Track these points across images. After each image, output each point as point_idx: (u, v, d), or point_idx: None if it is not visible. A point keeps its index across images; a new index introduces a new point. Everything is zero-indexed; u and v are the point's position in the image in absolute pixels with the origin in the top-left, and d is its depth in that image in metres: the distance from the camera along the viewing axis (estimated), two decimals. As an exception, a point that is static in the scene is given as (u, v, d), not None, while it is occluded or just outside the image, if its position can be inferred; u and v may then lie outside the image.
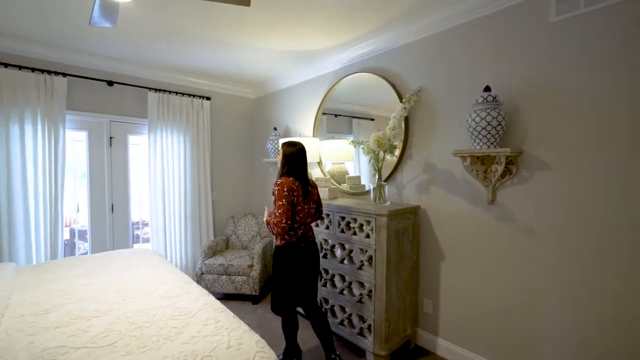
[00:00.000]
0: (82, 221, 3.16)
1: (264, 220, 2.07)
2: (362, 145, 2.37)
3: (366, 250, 2.18)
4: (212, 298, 1.49)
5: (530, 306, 1.81)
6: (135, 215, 3.42)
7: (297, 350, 2.12)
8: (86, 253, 3.19)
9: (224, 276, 3.09)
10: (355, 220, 2.26)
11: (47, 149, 2.69)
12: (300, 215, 1.91)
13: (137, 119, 3.28)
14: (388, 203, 2.31)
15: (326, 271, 2.50)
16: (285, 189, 1.84)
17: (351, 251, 2.33)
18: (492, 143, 1.78)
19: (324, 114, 3.14)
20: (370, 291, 2.15)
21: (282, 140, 3.01)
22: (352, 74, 2.79)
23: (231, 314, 1.32)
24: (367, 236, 2.17)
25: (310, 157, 2.94)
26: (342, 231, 2.36)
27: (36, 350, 1.03)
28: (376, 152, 2.22)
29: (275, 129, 3.60)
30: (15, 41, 2.56)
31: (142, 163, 3.40)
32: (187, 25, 2.33)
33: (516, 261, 1.87)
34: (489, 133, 1.75)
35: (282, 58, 3.00)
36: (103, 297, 1.43)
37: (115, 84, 3.10)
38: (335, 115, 3.09)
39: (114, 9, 1.70)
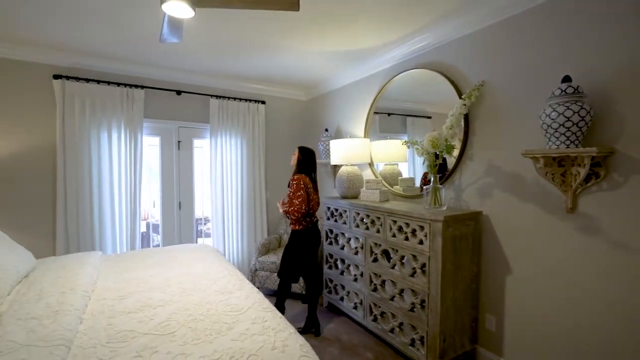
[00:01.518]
0: (157, 216, 3.55)
1: (281, 212, 2.56)
2: (416, 146, 2.25)
3: (419, 257, 2.06)
4: (261, 296, 1.54)
5: (621, 340, 1.52)
6: (198, 212, 3.72)
7: (282, 310, 2.55)
8: (158, 245, 3.57)
9: (276, 274, 3.19)
10: (407, 224, 2.15)
11: (128, 152, 3.08)
12: (312, 203, 2.50)
13: (201, 124, 3.57)
14: (444, 208, 2.15)
15: (377, 275, 2.43)
16: (302, 183, 2.40)
17: (403, 257, 2.22)
18: (572, 142, 1.53)
19: (375, 113, 3.06)
20: (423, 301, 2.03)
21: (332, 142, 3.01)
22: (405, 71, 2.67)
23: (279, 314, 1.35)
24: (421, 242, 2.05)
25: (361, 158, 2.89)
26: (394, 235, 2.27)
27: (112, 332, 1.17)
28: (431, 153, 2.08)
29: (326, 130, 3.62)
30: (104, 61, 2.97)
31: (204, 164, 3.69)
32: (242, 34, 2.45)
33: (605, 282, 1.58)
34: (569, 130, 1.51)
35: (333, 59, 2.99)
36: (167, 287, 1.57)
37: (182, 93, 3.42)
38: (388, 114, 2.99)
39: (179, 25, 1.86)
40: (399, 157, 2.85)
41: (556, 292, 1.77)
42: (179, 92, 3.39)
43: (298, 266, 2.50)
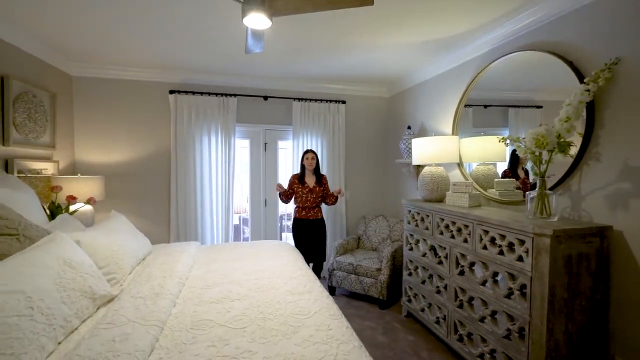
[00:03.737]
0: (248, 210, 3.92)
1: (339, 197, 3.21)
2: (517, 144, 1.88)
3: (517, 277, 1.72)
4: (330, 301, 1.51)
5: None
6: (282, 209, 3.95)
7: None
8: (248, 238, 3.93)
9: (353, 275, 3.15)
10: (502, 236, 1.83)
11: (223, 154, 3.46)
12: None
13: (284, 127, 3.77)
14: (555, 219, 1.75)
15: (463, 290, 2.15)
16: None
17: (496, 274, 1.90)
18: None
19: (467, 106, 2.70)
20: (523, 329, 1.70)
21: (414, 140, 2.79)
22: (505, 55, 2.27)
23: (345, 323, 1.30)
24: (520, 259, 1.71)
25: (447, 157, 2.60)
26: (485, 247, 1.96)
27: (196, 319, 1.32)
28: (536, 153, 1.70)
29: (409, 127, 3.39)
30: (205, 75, 3.41)
31: (287, 165, 3.89)
32: (318, 36, 2.47)
33: None
34: None
35: (416, 51, 2.76)
36: (245, 282, 1.69)
37: (269, 98, 3.66)
38: (485, 107, 2.59)
39: (261, 36, 1.97)
40: (495, 156, 2.46)
41: None
42: (265, 98, 3.65)
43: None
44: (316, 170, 3.15)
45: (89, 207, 2.68)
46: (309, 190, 3.10)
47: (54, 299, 1.15)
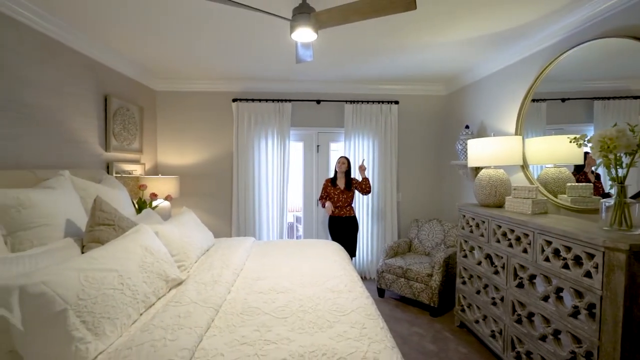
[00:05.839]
0: (301, 209, 4.11)
1: (362, 175, 3.39)
2: (590, 144, 1.66)
3: (584, 295, 1.55)
4: (369, 302, 1.55)
5: None
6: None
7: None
8: (300, 236, 4.13)
9: (402, 279, 3.10)
10: (567, 248, 1.66)
11: (278, 156, 3.71)
12: None
13: (336, 129, 3.87)
14: (638, 232, 1.52)
15: (522, 305, 1.98)
16: None
17: (560, 289, 1.72)
18: None
19: (537, 100, 2.44)
20: (590, 353, 1.52)
21: (470, 141, 2.65)
22: (585, 42, 1.99)
23: (380, 324, 1.33)
24: (587, 275, 1.54)
25: (508, 159, 2.41)
26: (547, 259, 1.79)
27: (245, 305, 1.48)
28: (609, 156, 1.50)
29: (467, 127, 3.21)
30: (262, 83, 3.69)
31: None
32: (369, 40, 2.50)
33: None
34: None
35: (476, 45, 2.61)
36: (290, 277, 1.82)
37: (321, 102, 3.80)
38: (562, 100, 2.31)
39: (309, 46, 2.10)
40: (567, 158, 2.20)
41: None
42: (318, 102, 3.79)
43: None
44: (347, 173, 3.38)
45: (167, 203, 3.13)
46: (341, 191, 3.32)
47: (137, 279, 1.41)
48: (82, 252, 1.63)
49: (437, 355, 2.33)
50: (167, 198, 3.06)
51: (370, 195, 3.77)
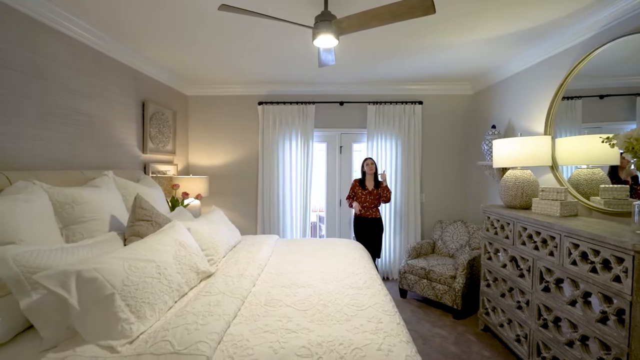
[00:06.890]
0: (324, 209, 4.19)
1: (383, 179, 3.39)
2: (625, 141, 1.59)
3: (613, 300, 1.50)
4: (387, 299, 1.59)
5: None
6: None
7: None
8: (323, 235, 4.21)
9: (425, 280, 3.09)
10: (596, 252, 1.61)
11: (302, 157, 3.81)
12: None
13: (359, 130, 3.91)
14: (673, 235, 1.46)
15: (548, 309, 1.93)
16: None
17: (588, 294, 1.67)
18: None
19: (572, 98, 2.34)
20: (619, 361, 1.47)
21: (495, 142, 2.60)
22: (621, 37, 1.91)
23: (397, 320, 1.37)
24: (616, 279, 1.49)
25: (536, 160, 2.34)
26: (574, 263, 1.74)
27: (269, 297, 1.58)
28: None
29: (493, 127, 3.14)
30: (287, 86, 3.81)
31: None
32: (391, 41, 2.53)
33: None
34: None
35: (502, 43, 2.57)
36: (312, 273, 1.90)
37: (344, 104, 3.86)
38: (601, 97, 2.21)
39: (331, 50, 2.17)
40: (600, 158, 2.10)
41: None
42: (341, 103, 3.85)
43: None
44: (374, 174, 3.42)
45: (197, 202, 3.33)
46: (369, 193, 3.35)
47: (172, 269, 1.55)
48: (125, 245, 1.81)
49: (459, 357, 2.31)
50: (197, 197, 3.25)
51: (393, 195, 3.78)
